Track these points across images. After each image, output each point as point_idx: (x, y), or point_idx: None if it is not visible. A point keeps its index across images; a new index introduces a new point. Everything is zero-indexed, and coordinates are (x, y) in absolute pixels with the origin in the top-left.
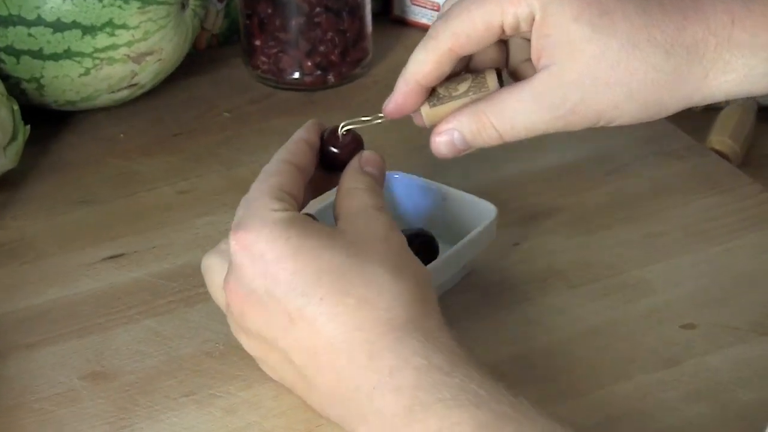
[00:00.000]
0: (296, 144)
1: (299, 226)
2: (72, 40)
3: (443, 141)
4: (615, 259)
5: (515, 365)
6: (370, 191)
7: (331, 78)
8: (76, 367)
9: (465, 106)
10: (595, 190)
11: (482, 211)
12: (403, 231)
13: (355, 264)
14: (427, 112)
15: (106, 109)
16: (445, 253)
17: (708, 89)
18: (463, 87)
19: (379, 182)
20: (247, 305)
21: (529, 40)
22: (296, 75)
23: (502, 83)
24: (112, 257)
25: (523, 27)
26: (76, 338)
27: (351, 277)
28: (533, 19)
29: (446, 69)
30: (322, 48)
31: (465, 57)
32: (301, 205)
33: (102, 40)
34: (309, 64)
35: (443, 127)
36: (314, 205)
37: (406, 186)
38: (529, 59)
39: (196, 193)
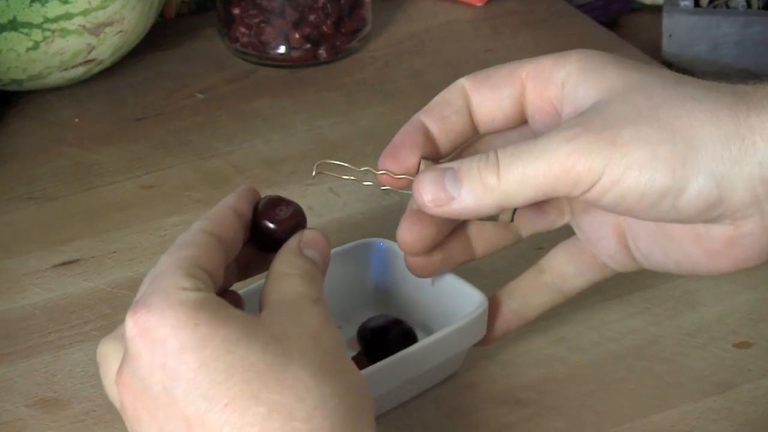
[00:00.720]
0: (221, 212)
1: (211, 312)
2: (18, 8)
3: (431, 179)
4: None
5: (540, 391)
6: (305, 279)
7: (322, 53)
8: (24, 392)
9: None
10: None
11: (469, 301)
12: (377, 317)
13: (273, 363)
14: (426, 165)
15: (58, 90)
16: (401, 352)
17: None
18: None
19: (320, 269)
20: (140, 404)
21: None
22: (281, 49)
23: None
24: (65, 263)
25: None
26: (22, 359)
27: (266, 379)
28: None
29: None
30: (312, 17)
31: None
32: (220, 287)
33: (53, 8)
34: (297, 36)
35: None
36: (239, 288)
37: (389, 258)
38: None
39: (164, 188)
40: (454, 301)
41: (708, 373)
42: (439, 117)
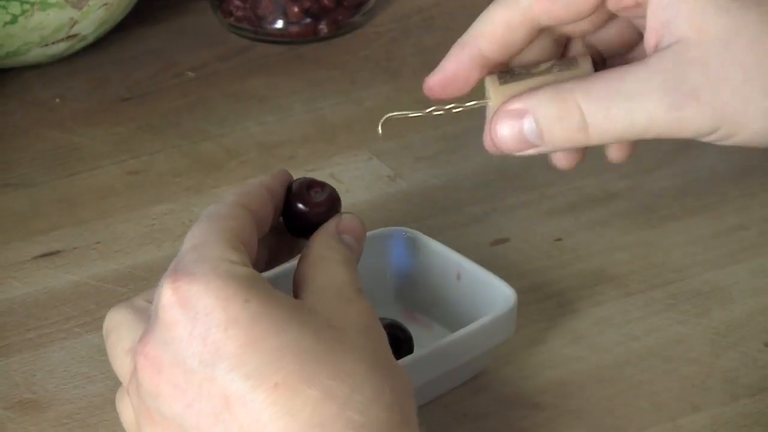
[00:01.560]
0: (255, 188)
1: (261, 289)
2: None
3: (508, 128)
4: (683, 259)
5: (557, 394)
6: (347, 265)
7: (323, 27)
8: (1, 394)
9: (547, 85)
10: (659, 172)
11: (498, 296)
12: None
13: (329, 350)
14: (495, 89)
15: (37, 67)
16: (427, 347)
17: None
18: (545, 64)
19: (356, 257)
20: (165, 378)
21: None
22: (279, 24)
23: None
24: (45, 255)
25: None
26: (0, 358)
27: (321, 365)
28: None
29: (519, 39)
30: None
31: (545, 40)
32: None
33: None
34: (295, 9)
35: (512, 105)
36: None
37: (411, 250)
38: (624, 52)
39: (151, 173)
40: (481, 296)
41: (739, 374)
42: (503, 45)
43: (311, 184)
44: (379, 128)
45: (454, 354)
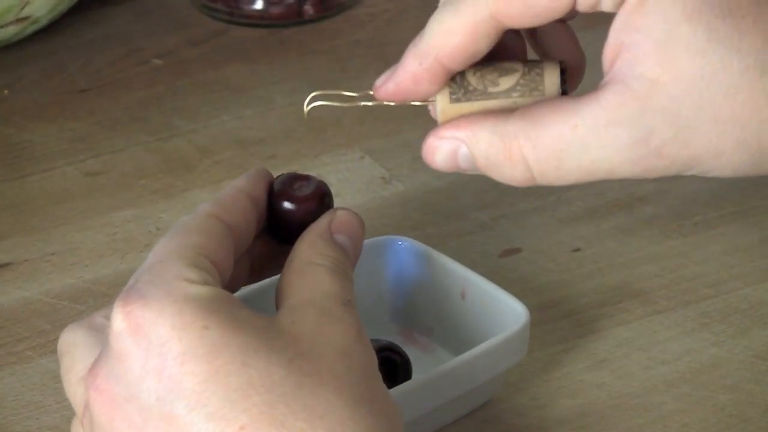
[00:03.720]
0: (232, 196)
1: (223, 313)
2: None
3: (443, 149)
4: (719, 272)
5: (576, 425)
6: (336, 273)
7: (308, 9)
8: None
9: (498, 113)
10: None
11: (508, 314)
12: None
13: (301, 385)
14: (444, 107)
15: None
16: (428, 373)
17: None
18: (506, 82)
19: (351, 260)
20: (120, 413)
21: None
22: (258, 4)
23: (566, 89)
24: None
25: (606, 4)
26: None
27: (292, 404)
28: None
29: (483, 46)
30: None
31: (514, 40)
32: (229, 287)
33: None
34: None
35: (449, 131)
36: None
37: (411, 261)
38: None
39: (113, 175)
40: (489, 314)
41: None
42: (466, 54)
43: (294, 178)
44: (305, 109)
45: (459, 380)
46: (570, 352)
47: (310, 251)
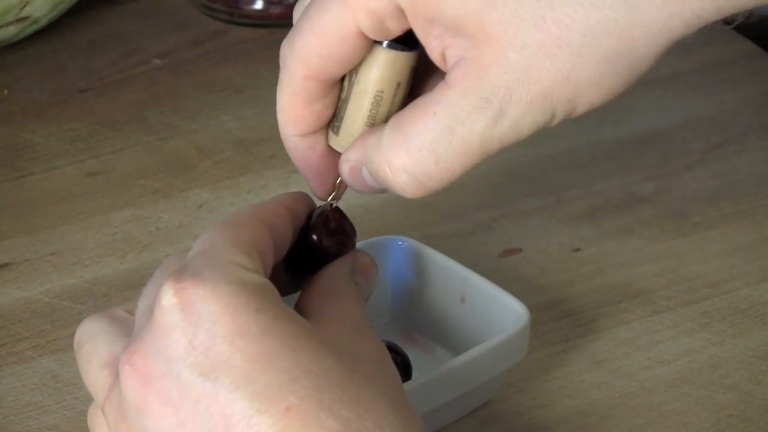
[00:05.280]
0: (276, 206)
1: (276, 301)
2: None
3: (350, 173)
4: (719, 272)
5: (576, 425)
6: (359, 303)
7: None
8: None
9: (382, 126)
10: (691, 172)
11: (508, 314)
12: None
13: (349, 378)
14: (333, 141)
15: None
16: (428, 373)
17: (689, 8)
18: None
19: (365, 298)
20: (155, 390)
21: None
22: (258, 4)
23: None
24: None
25: (392, 25)
26: None
27: (340, 392)
28: (400, 10)
29: (321, 102)
30: None
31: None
32: None
33: None
34: None
35: (348, 154)
36: None
37: (410, 261)
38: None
39: (113, 175)
40: (489, 314)
41: None
42: (318, 122)
43: (329, 215)
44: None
45: (459, 380)
46: (570, 352)
47: (335, 281)
